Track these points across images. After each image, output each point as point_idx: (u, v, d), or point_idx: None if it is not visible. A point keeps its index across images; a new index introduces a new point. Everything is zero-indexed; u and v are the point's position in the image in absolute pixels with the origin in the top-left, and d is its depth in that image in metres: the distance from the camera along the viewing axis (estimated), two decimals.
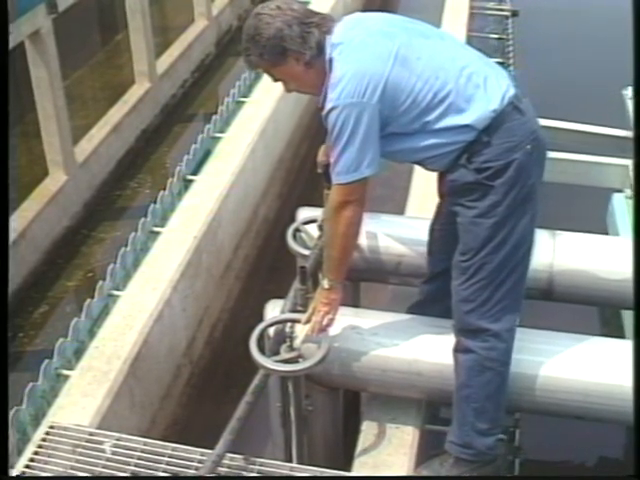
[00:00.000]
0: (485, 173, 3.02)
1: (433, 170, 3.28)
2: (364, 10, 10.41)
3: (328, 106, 2.99)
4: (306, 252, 3.85)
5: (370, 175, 3.03)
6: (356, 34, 3.07)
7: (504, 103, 3.02)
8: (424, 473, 3.44)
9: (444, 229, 3.52)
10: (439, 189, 3.46)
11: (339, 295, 3.26)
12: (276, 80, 3.19)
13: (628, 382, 3.23)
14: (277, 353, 3.25)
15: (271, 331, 3.34)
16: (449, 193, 3.20)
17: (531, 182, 3.06)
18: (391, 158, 3.18)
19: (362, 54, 2.99)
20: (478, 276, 3.12)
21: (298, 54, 3.02)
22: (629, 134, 5.84)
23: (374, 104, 2.94)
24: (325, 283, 3.23)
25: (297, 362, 3.21)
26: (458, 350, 3.28)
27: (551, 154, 3.27)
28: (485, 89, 3.03)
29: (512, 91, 3.08)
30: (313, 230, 4.01)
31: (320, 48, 3.03)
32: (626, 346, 3.48)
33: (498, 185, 3.01)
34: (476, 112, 3.00)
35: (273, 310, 3.55)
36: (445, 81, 3.00)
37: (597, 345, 3.47)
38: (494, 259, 3.09)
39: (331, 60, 3.02)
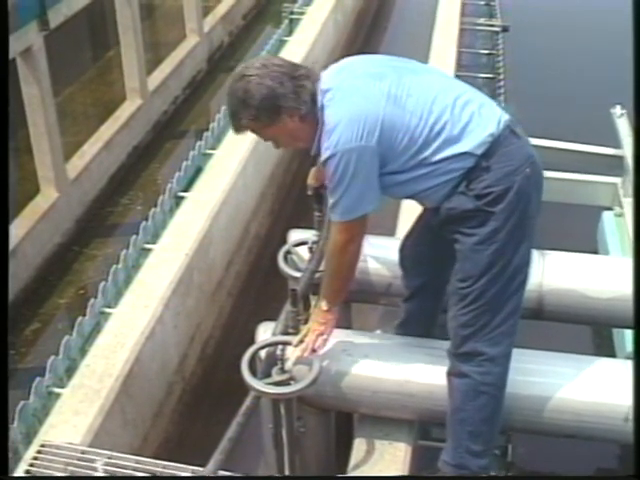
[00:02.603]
0: (485, 199, 2.98)
1: (429, 204, 3.22)
2: (356, 20, 10.53)
3: (327, 154, 2.95)
4: (297, 274, 3.85)
5: (371, 211, 3.03)
6: (343, 78, 3.04)
7: (500, 127, 3.01)
8: None
9: (416, 246, 3.56)
10: (425, 217, 3.44)
11: (336, 315, 3.29)
12: (266, 140, 3.15)
13: (620, 400, 3.27)
14: (269, 375, 3.25)
15: (262, 353, 3.34)
16: (446, 221, 3.13)
17: (530, 207, 3.04)
18: (388, 193, 3.14)
19: (353, 98, 2.96)
20: (478, 302, 3.09)
21: (293, 110, 2.98)
22: (618, 152, 5.88)
23: (373, 146, 2.91)
24: (324, 305, 3.24)
25: (289, 384, 3.21)
26: (452, 374, 3.26)
27: None
28: (480, 115, 3.01)
29: (507, 116, 3.08)
30: (304, 252, 4.01)
31: (314, 99, 3.00)
32: (617, 365, 3.52)
33: (498, 211, 2.98)
34: (473, 139, 2.97)
35: (265, 332, 3.56)
36: (439, 114, 2.98)
37: (588, 364, 3.47)
38: (494, 286, 3.06)
39: (322, 107, 2.99)
